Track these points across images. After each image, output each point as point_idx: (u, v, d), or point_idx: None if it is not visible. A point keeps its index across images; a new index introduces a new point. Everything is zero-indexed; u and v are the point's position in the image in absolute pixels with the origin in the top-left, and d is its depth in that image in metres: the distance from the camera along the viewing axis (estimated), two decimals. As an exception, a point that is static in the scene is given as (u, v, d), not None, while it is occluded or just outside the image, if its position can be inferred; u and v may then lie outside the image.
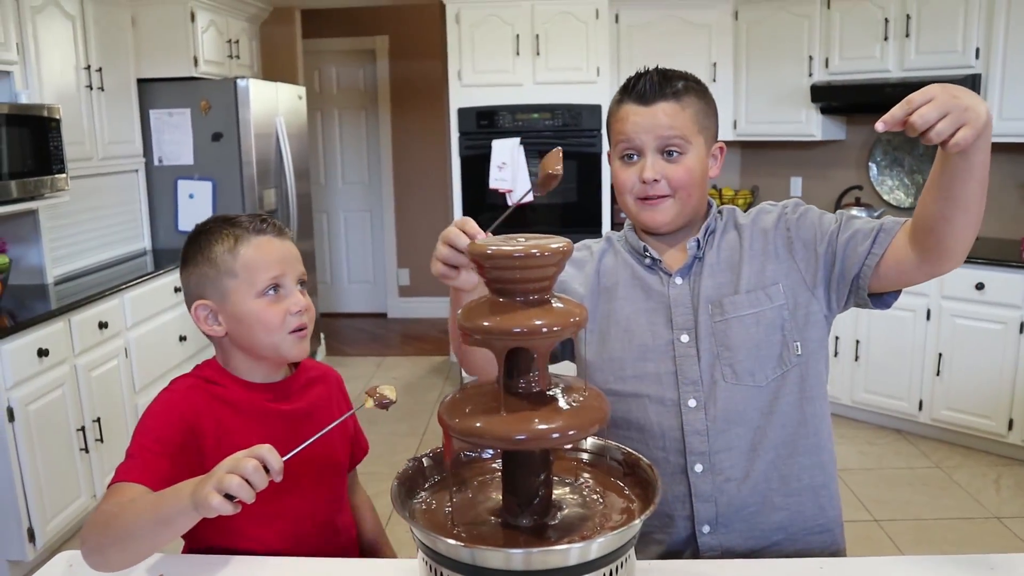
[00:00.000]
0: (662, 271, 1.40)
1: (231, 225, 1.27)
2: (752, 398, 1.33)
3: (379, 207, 6.68)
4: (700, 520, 1.33)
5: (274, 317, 1.25)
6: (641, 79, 1.35)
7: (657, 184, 1.34)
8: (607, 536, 0.89)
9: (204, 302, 1.27)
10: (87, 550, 1.11)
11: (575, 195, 4.63)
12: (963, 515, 3.24)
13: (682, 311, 1.37)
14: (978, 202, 1.17)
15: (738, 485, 1.32)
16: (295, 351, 1.28)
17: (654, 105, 1.33)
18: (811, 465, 1.35)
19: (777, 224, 1.39)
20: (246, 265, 1.24)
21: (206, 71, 4.46)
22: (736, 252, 1.38)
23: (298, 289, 1.29)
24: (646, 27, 4.74)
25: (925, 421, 3.92)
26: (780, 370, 1.33)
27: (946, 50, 3.90)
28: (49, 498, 2.93)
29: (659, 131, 1.33)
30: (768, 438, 1.33)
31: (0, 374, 2.72)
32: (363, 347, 5.92)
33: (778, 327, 1.33)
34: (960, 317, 3.73)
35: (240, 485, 0.96)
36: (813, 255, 1.35)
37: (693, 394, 1.34)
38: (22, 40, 3.31)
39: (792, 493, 1.34)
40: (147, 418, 1.23)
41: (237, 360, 1.30)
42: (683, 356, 1.35)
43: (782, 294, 1.34)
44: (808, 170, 4.97)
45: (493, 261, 0.91)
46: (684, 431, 1.34)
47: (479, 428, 0.89)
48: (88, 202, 3.90)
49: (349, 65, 6.55)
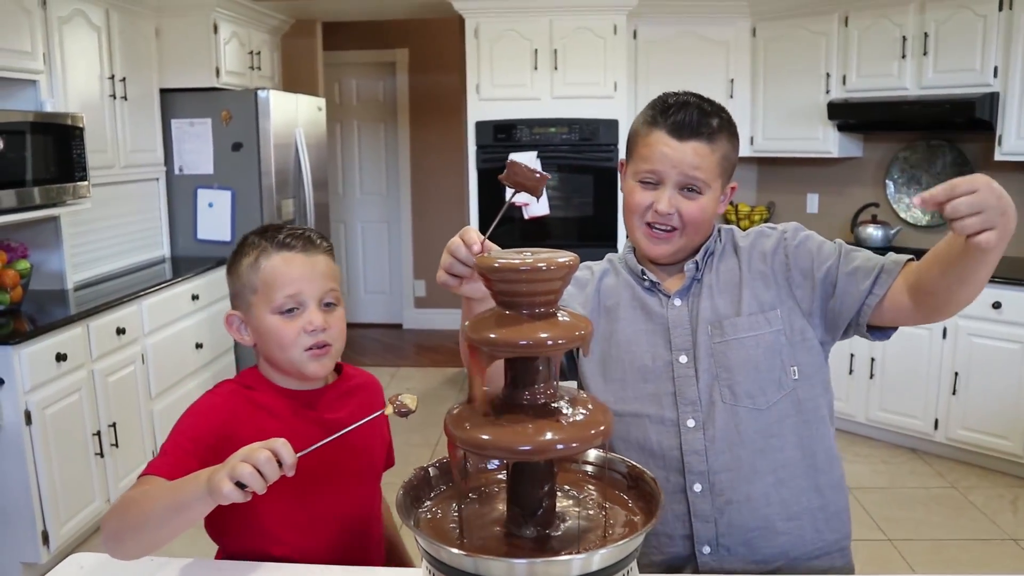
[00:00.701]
0: (661, 293, 1.42)
1: (262, 237, 1.28)
2: (751, 420, 1.33)
3: (396, 218, 6.72)
4: (700, 540, 1.33)
5: (288, 335, 1.24)
6: (681, 111, 1.33)
7: (670, 217, 1.35)
8: (610, 548, 0.90)
9: (235, 313, 1.30)
10: (106, 536, 1.13)
11: (591, 209, 4.65)
12: (979, 536, 3.21)
13: (680, 332, 1.38)
14: (984, 280, 1.18)
15: (739, 507, 1.32)
16: (311, 368, 1.27)
17: (686, 142, 1.32)
18: (808, 488, 1.35)
19: (776, 250, 1.39)
20: (265, 281, 1.25)
21: (228, 82, 4.52)
22: (735, 275, 1.40)
23: (321, 307, 1.27)
24: (664, 43, 4.76)
25: (941, 440, 3.89)
26: (779, 393, 1.34)
27: (964, 68, 3.88)
28: (64, 502, 2.96)
29: (685, 168, 1.33)
30: (767, 460, 1.33)
31: (19, 378, 2.76)
32: (378, 358, 5.94)
33: (776, 351, 1.34)
34: (977, 336, 3.70)
35: (252, 474, 0.97)
36: (810, 284, 1.35)
37: (692, 414, 1.34)
38: (48, 50, 3.37)
39: (792, 517, 1.33)
40: (186, 417, 1.24)
41: (269, 370, 1.32)
42: (682, 376, 1.36)
43: (780, 319, 1.36)
44: (825, 187, 4.96)
45: (500, 274, 0.92)
46: (683, 450, 1.34)
47: (484, 439, 0.90)
48: (109, 209, 3.95)
49: (369, 77, 6.61)
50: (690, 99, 1.35)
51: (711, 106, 1.36)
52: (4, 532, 2.86)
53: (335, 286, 1.30)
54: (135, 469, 3.44)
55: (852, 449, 4.02)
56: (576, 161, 4.60)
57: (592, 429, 0.91)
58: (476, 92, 4.61)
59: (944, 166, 4.41)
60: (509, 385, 0.96)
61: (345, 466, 1.30)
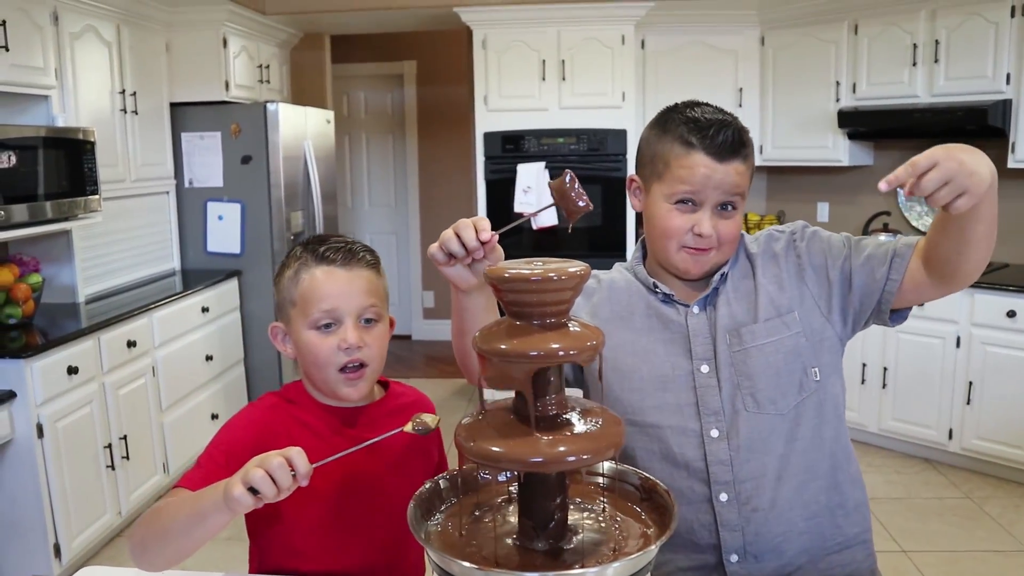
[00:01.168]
0: (678, 303, 1.40)
1: (305, 249, 1.26)
2: (775, 426, 1.32)
3: (405, 230, 6.73)
4: (728, 549, 1.32)
5: (323, 351, 1.21)
6: (721, 133, 1.30)
7: (711, 239, 1.33)
8: (623, 561, 0.89)
9: (278, 324, 1.29)
10: (132, 545, 1.12)
11: (600, 219, 4.64)
12: (994, 547, 3.17)
13: (701, 341, 1.37)
14: (988, 237, 1.19)
15: (766, 514, 1.31)
16: (344, 392, 1.23)
17: (728, 163, 1.31)
18: (827, 487, 1.35)
19: (787, 251, 1.39)
20: (302, 295, 1.23)
21: (237, 95, 4.55)
22: (750, 280, 1.39)
23: (359, 324, 1.23)
24: (672, 53, 4.76)
25: (955, 450, 3.85)
26: (800, 396, 1.33)
27: (976, 75, 3.86)
28: (75, 514, 2.96)
29: (728, 188, 1.32)
30: (792, 464, 1.33)
31: (30, 391, 2.76)
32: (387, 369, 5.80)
33: (797, 354, 1.33)
34: (991, 345, 3.67)
35: (263, 479, 0.96)
36: (825, 281, 1.35)
37: (715, 424, 1.33)
38: (60, 65, 3.40)
39: (811, 516, 1.33)
40: (225, 430, 1.23)
41: (310, 386, 1.30)
42: (704, 387, 1.35)
43: (798, 321, 1.34)
44: (835, 195, 4.94)
45: (510, 284, 0.91)
46: (708, 461, 1.33)
47: (495, 451, 0.89)
48: (120, 223, 3.97)
49: (377, 90, 6.64)
50: (725, 118, 1.33)
51: (743, 128, 1.35)
52: (16, 545, 2.86)
53: (376, 302, 1.25)
54: (146, 482, 3.45)
55: (865, 459, 3.98)
56: (584, 171, 4.60)
57: (604, 441, 0.90)
58: (484, 103, 4.61)
59: (955, 174, 4.38)
60: (520, 396, 0.95)
61: (383, 485, 1.26)
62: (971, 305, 3.71)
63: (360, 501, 1.00)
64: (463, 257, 1.12)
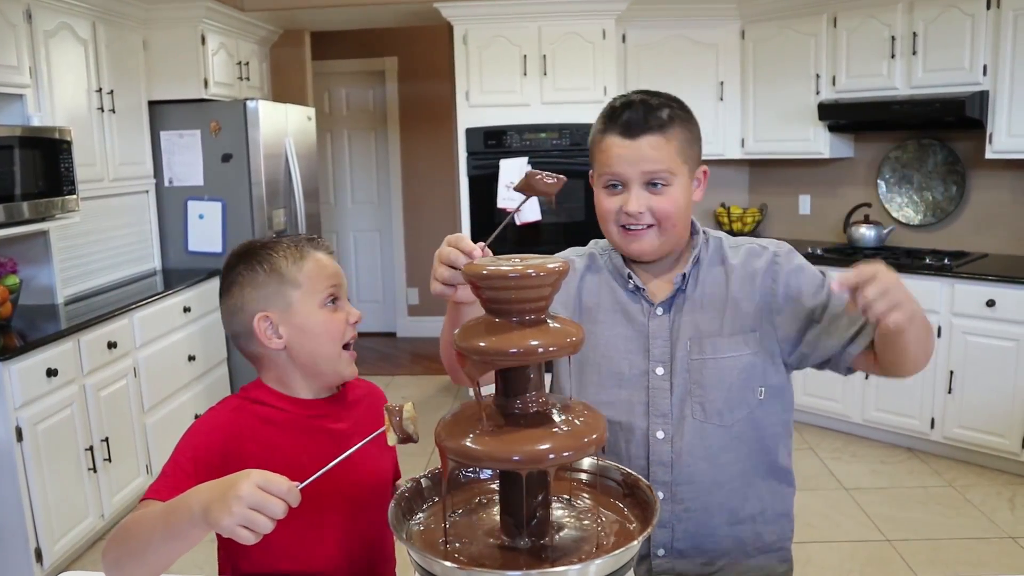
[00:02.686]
0: (645, 299, 1.40)
1: (292, 241, 1.32)
2: (716, 436, 1.36)
3: (388, 227, 6.71)
4: (656, 543, 1.38)
5: (336, 325, 1.29)
6: (626, 110, 1.33)
7: (642, 215, 1.33)
8: (606, 558, 0.89)
9: (266, 314, 1.28)
10: (107, 565, 1.10)
11: (582, 214, 4.64)
12: (977, 535, 3.20)
13: (660, 344, 1.38)
14: (922, 351, 1.30)
15: (696, 515, 1.36)
16: (349, 370, 1.33)
17: (639, 139, 1.31)
18: (756, 496, 1.40)
19: (765, 271, 1.39)
20: (310, 276, 1.28)
21: (216, 93, 4.51)
22: (721, 290, 1.39)
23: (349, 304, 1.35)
24: (653, 47, 4.76)
25: (937, 439, 3.88)
26: (743, 411, 1.36)
27: (953, 67, 3.89)
28: (57, 518, 2.93)
29: (644, 165, 1.31)
30: (726, 473, 1.37)
31: (9, 394, 2.73)
32: (372, 367, 5.92)
33: (750, 372, 1.36)
34: (971, 334, 3.70)
35: (265, 525, 0.94)
36: (791, 311, 1.36)
37: (662, 426, 1.36)
38: (35, 64, 3.35)
39: (737, 522, 1.39)
40: (189, 436, 1.22)
41: (290, 375, 1.30)
42: (656, 388, 1.37)
43: (758, 341, 1.36)
44: (816, 188, 4.96)
45: (488, 281, 0.91)
46: (649, 460, 1.37)
47: (475, 449, 0.88)
48: (99, 223, 3.93)
49: (358, 86, 6.60)
50: (635, 97, 1.35)
51: (658, 98, 1.35)
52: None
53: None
54: (129, 484, 3.42)
55: (849, 450, 4.01)
56: (568, 166, 4.59)
57: (585, 437, 0.90)
58: (466, 99, 4.60)
59: (935, 164, 4.41)
60: (500, 394, 0.94)
61: (354, 483, 1.28)
62: (951, 295, 3.74)
63: (332, 500, 1.00)
64: (464, 281, 1.11)
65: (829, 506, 3.43)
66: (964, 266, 3.86)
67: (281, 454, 1.22)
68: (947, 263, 3.89)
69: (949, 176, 4.37)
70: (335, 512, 1.25)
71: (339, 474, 1.01)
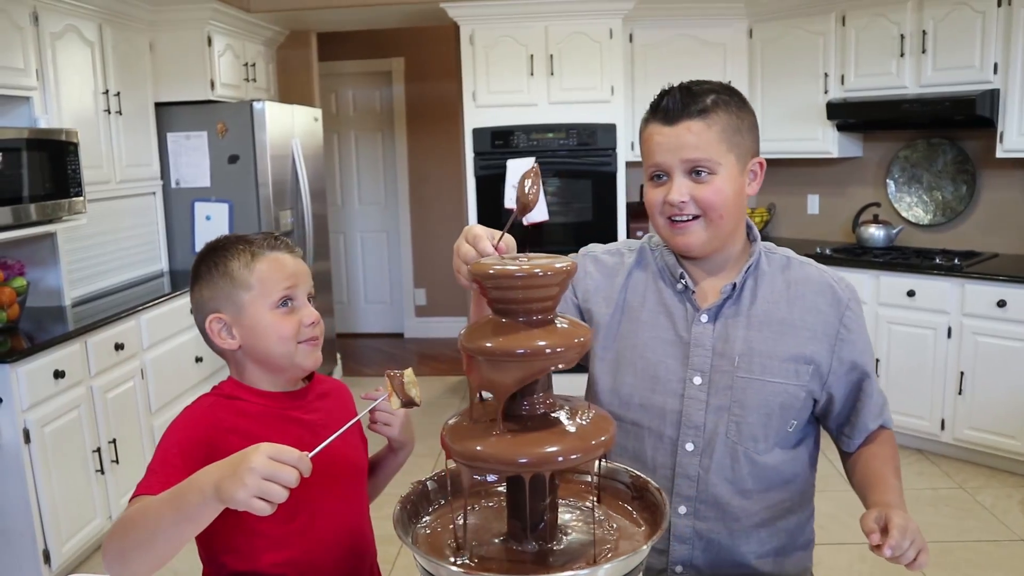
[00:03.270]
0: (691, 303, 1.35)
1: (246, 242, 1.31)
2: (747, 463, 1.32)
3: (395, 227, 6.70)
4: (674, 559, 1.34)
5: (287, 328, 1.27)
6: (665, 98, 1.29)
7: (685, 205, 1.28)
8: (614, 562, 0.87)
9: (219, 315, 1.29)
10: (109, 559, 1.10)
11: (590, 214, 4.63)
12: (987, 538, 3.17)
13: (700, 352, 1.32)
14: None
15: (718, 538, 1.33)
16: (309, 361, 1.30)
17: (678, 124, 1.27)
18: (779, 531, 1.37)
19: (830, 313, 1.34)
20: (261, 278, 1.27)
21: (223, 94, 4.51)
22: (781, 310, 1.33)
23: (309, 304, 1.32)
24: (660, 46, 4.74)
25: (947, 441, 3.85)
26: (774, 441, 1.33)
27: (963, 66, 3.86)
28: (64, 520, 2.93)
29: (684, 152, 1.27)
30: (754, 501, 1.33)
31: (17, 396, 2.73)
32: (380, 367, 5.91)
33: (791, 405, 1.32)
34: (982, 335, 3.67)
35: (279, 494, 0.94)
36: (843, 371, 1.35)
37: (692, 438, 1.32)
38: (42, 66, 3.36)
39: (760, 555, 1.36)
40: (170, 433, 1.23)
41: (251, 373, 1.32)
42: (691, 398, 1.32)
43: (809, 377, 1.32)
44: (825, 187, 4.94)
45: (495, 281, 0.89)
46: (675, 472, 1.33)
47: (481, 452, 0.87)
48: (106, 224, 3.93)
49: (365, 87, 6.60)
50: (683, 84, 1.31)
51: (701, 85, 1.31)
52: (5, 551, 2.83)
53: (312, 283, 1.36)
54: (136, 485, 3.41)
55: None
56: (575, 166, 4.58)
57: (593, 440, 0.89)
58: (473, 99, 4.59)
59: (945, 164, 4.38)
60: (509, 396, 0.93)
61: (334, 471, 1.29)
62: (962, 295, 3.71)
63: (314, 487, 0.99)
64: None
65: (838, 508, 3.40)
66: (974, 266, 3.83)
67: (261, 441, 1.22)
68: (957, 263, 3.86)
69: (959, 175, 4.34)
70: (318, 500, 1.26)
71: (320, 462, 1.00)
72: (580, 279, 1.43)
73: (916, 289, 3.84)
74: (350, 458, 1.36)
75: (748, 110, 1.33)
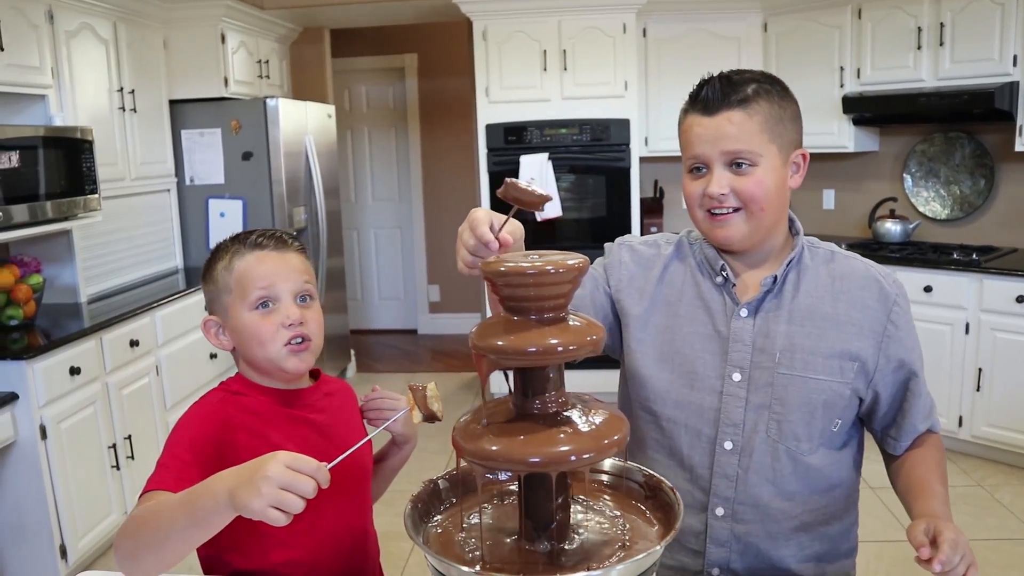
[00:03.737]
0: (730, 297, 1.31)
1: (235, 242, 1.30)
2: (788, 461, 1.27)
3: (409, 224, 6.71)
4: (711, 563, 1.30)
5: (265, 330, 1.24)
6: (705, 87, 1.26)
7: (725, 198, 1.25)
8: (627, 563, 0.86)
9: (212, 318, 1.30)
10: (120, 558, 1.10)
11: (604, 210, 4.61)
12: (1007, 536, 3.14)
13: (739, 348, 1.28)
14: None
15: (758, 542, 1.28)
16: (291, 364, 1.26)
17: (718, 115, 1.24)
18: (821, 536, 1.32)
19: (878, 309, 1.29)
20: (238, 280, 1.26)
21: (236, 91, 4.52)
22: (826, 304, 1.29)
23: (296, 302, 1.27)
24: (674, 41, 4.71)
25: (965, 438, 3.81)
26: (819, 441, 1.28)
27: (982, 58, 3.81)
28: (81, 515, 2.95)
29: (724, 144, 1.23)
30: (796, 504, 1.29)
31: (33, 392, 2.75)
32: (393, 364, 5.92)
33: (835, 403, 1.27)
34: (1001, 331, 3.62)
35: (296, 504, 0.93)
36: (890, 369, 1.30)
37: (731, 437, 1.27)
38: (56, 64, 3.37)
39: (802, 560, 1.31)
40: (180, 429, 1.22)
41: (251, 373, 1.31)
42: (730, 395, 1.28)
43: (854, 375, 1.27)
44: (841, 182, 4.89)
45: (507, 279, 0.88)
46: (713, 471, 1.28)
47: (493, 451, 0.86)
48: (121, 222, 3.95)
49: (378, 83, 6.60)
50: (724, 74, 1.27)
51: (742, 74, 1.27)
52: (22, 546, 2.85)
53: (310, 280, 1.30)
54: (151, 481, 3.43)
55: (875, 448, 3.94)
56: (588, 162, 4.56)
57: (606, 439, 0.88)
58: (485, 95, 4.58)
59: (963, 158, 4.34)
60: (519, 393, 0.92)
61: (342, 471, 1.27)
62: (980, 291, 3.67)
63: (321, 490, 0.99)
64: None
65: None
66: (993, 261, 3.78)
67: (268, 441, 1.22)
68: (975, 258, 3.82)
69: (977, 170, 4.29)
70: (324, 502, 1.24)
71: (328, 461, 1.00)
72: (614, 268, 1.40)
73: (933, 285, 3.80)
74: (355, 459, 1.33)
75: (791, 99, 1.29)
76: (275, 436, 1.25)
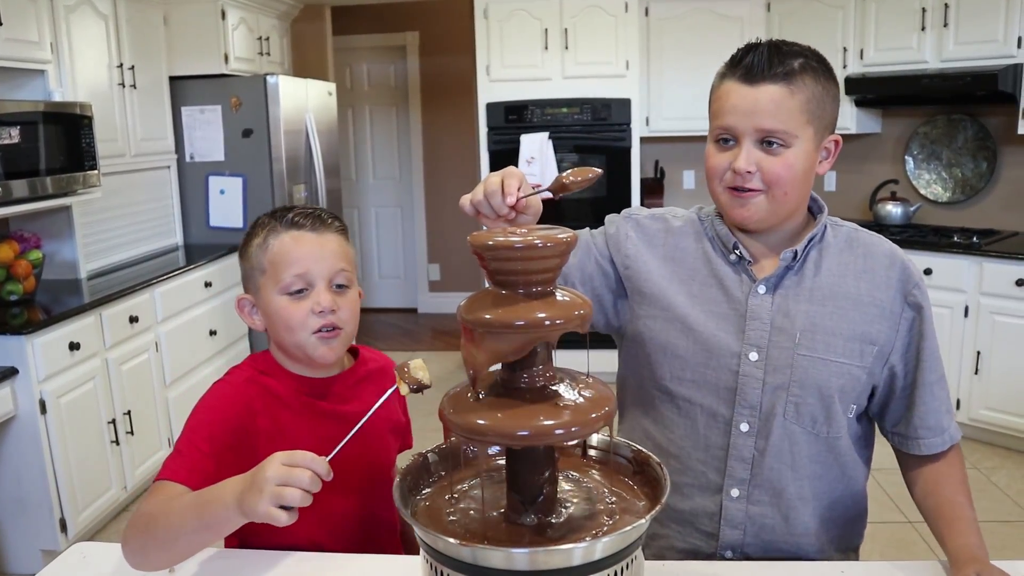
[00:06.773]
0: (747, 274, 1.26)
1: (272, 218, 1.24)
2: (806, 445, 1.25)
3: (409, 203, 6.70)
4: (724, 544, 1.28)
5: (296, 316, 1.19)
6: (750, 54, 1.17)
7: (751, 176, 1.18)
8: (613, 536, 0.87)
9: (246, 296, 1.26)
10: (129, 550, 1.10)
11: (604, 190, 4.60)
12: (1002, 518, 3.15)
13: (757, 326, 1.24)
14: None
15: (772, 524, 1.27)
16: (320, 352, 1.21)
17: (759, 86, 1.16)
18: (832, 518, 1.31)
19: (896, 290, 1.26)
20: (272, 260, 1.20)
21: (237, 68, 4.50)
22: (847, 285, 1.25)
23: (331, 288, 1.21)
24: (677, 20, 4.68)
25: (963, 421, 3.82)
26: (835, 424, 1.26)
27: (986, 40, 3.79)
28: (80, 489, 2.97)
29: (759, 119, 1.16)
30: (812, 489, 1.27)
31: (33, 367, 2.76)
32: (394, 342, 5.94)
33: (852, 387, 1.24)
34: (999, 314, 3.62)
35: (302, 497, 0.95)
36: (910, 359, 1.27)
37: (748, 418, 1.24)
38: (56, 39, 3.36)
39: (814, 545, 1.30)
40: (201, 412, 1.19)
41: (280, 355, 1.27)
42: (747, 375, 1.23)
43: (872, 359, 1.24)
44: (843, 164, 4.87)
45: (494, 252, 0.88)
46: (729, 452, 1.26)
47: (480, 424, 0.87)
48: (120, 198, 3.95)
49: (379, 61, 6.57)
50: (772, 43, 1.19)
51: (790, 47, 1.20)
52: (23, 520, 2.88)
53: (347, 267, 1.23)
54: (151, 456, 3.45)
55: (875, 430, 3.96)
56: (589, 141, 4.55)
57: (593, 413, 0.88)
58: (486, 73, 4.56)
59: (965, 141, 4.32)
60: (506, 367, 0.93)
61: (354, 456, 1.25)
62: (979, 274, 3.67)
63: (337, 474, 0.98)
64: (494, 217, 1.09)
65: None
66: (993, 244, 3.78)
67: (291, 434, 1.21)
68: (976, 241, 3.81)
69: (979, 152, 4.27)
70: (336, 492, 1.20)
71: (351, 451, 1.00)
72: (620, 243, 1.35)
73: (933, 267, 3.80)
74: (375, 453, 1.30)
75: (834, 81, 1.23)
76: (296, 428, 1.22)
